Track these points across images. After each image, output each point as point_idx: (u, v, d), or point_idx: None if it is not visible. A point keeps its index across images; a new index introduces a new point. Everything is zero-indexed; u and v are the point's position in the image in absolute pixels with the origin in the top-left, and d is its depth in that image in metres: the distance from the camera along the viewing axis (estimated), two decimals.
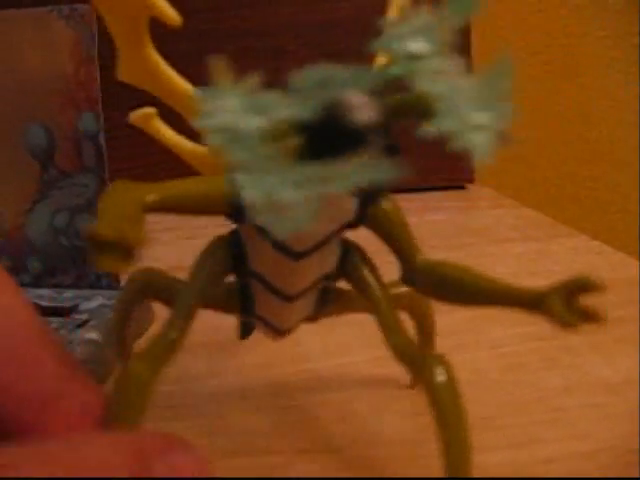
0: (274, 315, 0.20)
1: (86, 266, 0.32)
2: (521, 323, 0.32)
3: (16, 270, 0.33)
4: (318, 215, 0.12)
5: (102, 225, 0.14)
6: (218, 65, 0.13)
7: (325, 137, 0.13)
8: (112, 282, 0.32)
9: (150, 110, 0.21)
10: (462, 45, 0.56)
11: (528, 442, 0.22)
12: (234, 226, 0.18)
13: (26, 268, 0.33)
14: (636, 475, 0.20)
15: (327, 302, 0.20)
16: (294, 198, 0.12)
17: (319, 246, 0.17)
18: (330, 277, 0.19)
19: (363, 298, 0.19)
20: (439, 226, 0.49)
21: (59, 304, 0.31)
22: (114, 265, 0.14)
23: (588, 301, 0.14)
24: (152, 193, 0.16)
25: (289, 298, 0.19)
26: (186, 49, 0.45)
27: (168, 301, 0.20)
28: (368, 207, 0.17)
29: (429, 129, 0.13)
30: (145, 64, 0.17)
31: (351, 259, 0.19)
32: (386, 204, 0.18)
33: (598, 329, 0.13)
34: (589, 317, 0.14)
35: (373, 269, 0.19)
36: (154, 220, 0.15)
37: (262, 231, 0.17)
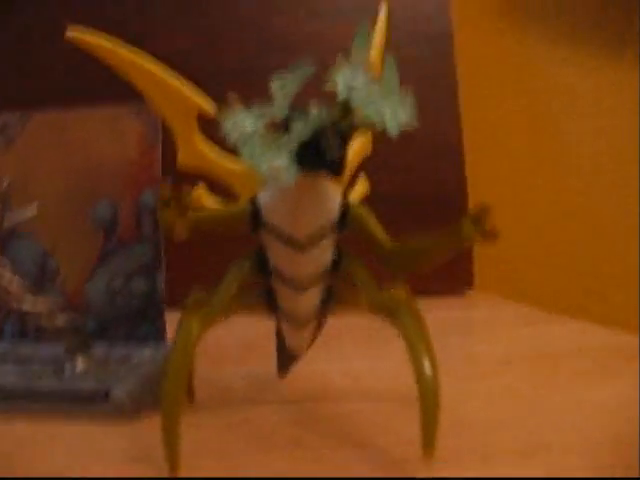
0: (292, 307, 0.26)
1: (137, 322, 0.36)
2: None
3: (73, 329, 0.36)
4: (294, 177, 0.20)
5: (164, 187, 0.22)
6: (232, 97, 0.20)
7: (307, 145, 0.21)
8: (158, 336, 0.36)
9: None
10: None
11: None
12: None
13: (82, 327, 0.36)
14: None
15: (331, 298, 0.26)
16: (279, 163, 0.20)
17: (316, 239, 0.24)
18: (329, 272, 0.25)
19: (356, 289, 0.25)
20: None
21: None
22: (170, 217, 0.22)
23: (489, 224, 0.21)
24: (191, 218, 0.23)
25: (301, 287, 0.25)
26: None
27: None
28: (347, 212, 0.24)
29: (361, 120, 0.21)
30: (198, 152, 0.24)
31: (345, 258, 0.25)
32: (360, 209, 0.25)
33: None
34: (488, 234, 0.22)
35: (364, 267, 0.25)
36: None
37: (273, 229, 0.23)
